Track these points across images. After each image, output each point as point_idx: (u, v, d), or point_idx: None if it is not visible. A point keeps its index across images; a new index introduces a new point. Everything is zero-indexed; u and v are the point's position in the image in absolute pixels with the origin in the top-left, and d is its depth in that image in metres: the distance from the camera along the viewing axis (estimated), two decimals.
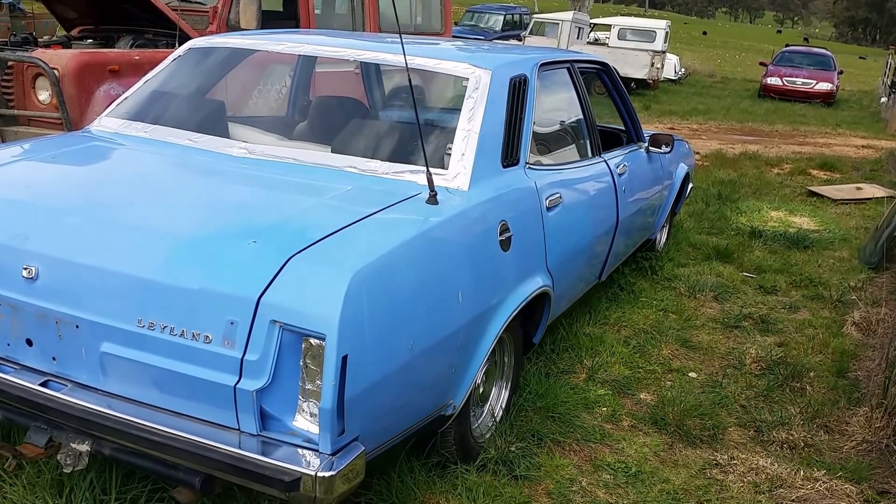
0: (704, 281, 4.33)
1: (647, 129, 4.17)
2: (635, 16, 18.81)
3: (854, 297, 4.22)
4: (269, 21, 5.20)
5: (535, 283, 2.49)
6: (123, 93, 4.38)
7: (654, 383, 3.15)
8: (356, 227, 1.90)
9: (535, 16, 18.42)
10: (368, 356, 1.69)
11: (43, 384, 1.83)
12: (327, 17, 6.02)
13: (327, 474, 1.61)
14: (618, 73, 3.90)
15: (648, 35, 16.24)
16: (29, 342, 1.88)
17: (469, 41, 4.80)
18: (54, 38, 5.22)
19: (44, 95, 4.23)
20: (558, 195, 2.71)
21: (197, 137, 2.55)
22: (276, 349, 1.65)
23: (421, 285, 1.91)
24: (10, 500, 2.05)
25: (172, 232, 1.88)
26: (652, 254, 4.61)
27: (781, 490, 2.47)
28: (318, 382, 1.64)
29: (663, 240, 4.85)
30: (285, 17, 5.54)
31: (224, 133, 2.68)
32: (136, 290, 1.75)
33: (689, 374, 3.27)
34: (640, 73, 15.87)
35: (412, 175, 2.26)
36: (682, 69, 20.84)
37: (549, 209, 2.62)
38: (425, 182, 2.12)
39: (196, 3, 5.33)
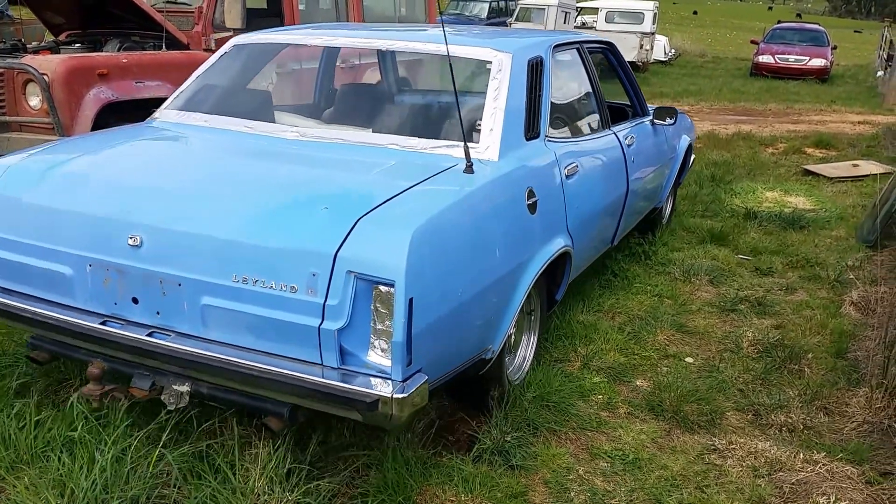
0: (699, 265, 4.32)
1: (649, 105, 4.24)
2: None
3: (852, 277, 4.21)
4: (253, 19, 5.17)
5: (558, 244, 2.77)
6: (112, 96, 4.42)
7: (650, 370, 3.15)
8: (408, 193, 2.20)
9: (521, 1, 18.30)
10: (429, 299, 1.99)
11: (149, 335, 2.14)
12: (311, 13, 5.98)
13: (400, 396, 1.91)
14: None
15: (636, 17, 16.14)
16: (135, 300, 2.19)
17: (486, 28, 4.83)
18: (43, 44, 5.21)
19: (34, 101, 4.25)
20: (575, 164, 3.00)
21: (252, 124, 2.87)
22: (352, 295, 1.95)
23: (466, 241, 2.23)
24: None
25: (257, 202, 2.20)
26: (645, 239, 4.60)
27: (781, 473, 2.47)
28: (388, 323, 1.94)
29: (668, 210, 4.99)
30: (270, 14, 5.51)
31: (272, 120, 3.01)
32: (231, 252, 2.06)
33: (686, 360, 3.27)
34: (629, 56, 15.74)
35: (447, 149, 2.56)
36: (672, 50, 20.73)
37: (567, 177, 2.92)
38: (459, 155, 2.43)
39: (181, 3, 5.30)
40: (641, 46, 15.84)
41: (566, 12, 16.54)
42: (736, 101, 12.98)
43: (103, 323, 2.21)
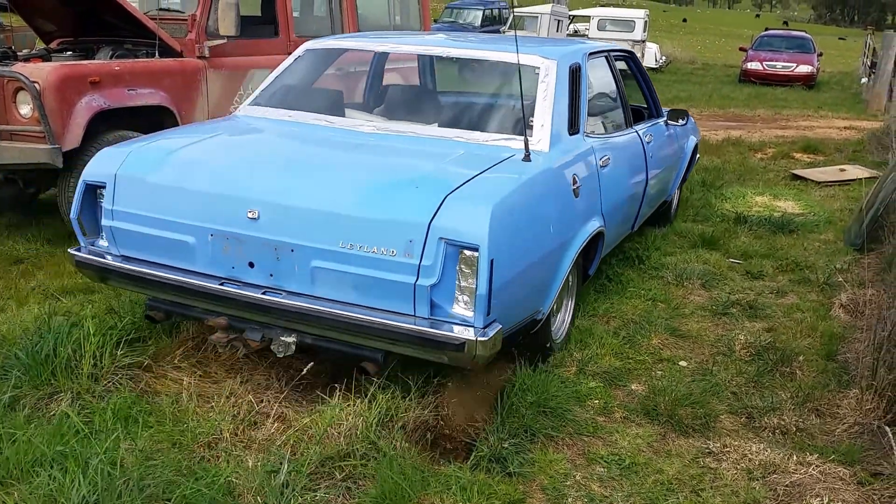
0: (692, 269, 4.36)
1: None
2: (614, 6, 18.80)
3: (840, 280, 4.25)
4: (247, 26, 5.16)
5: (594, 224, 3.20)
6: (104, 103, 4.40)
7: (645, 374, 3.17)
8: (482, 176, 2.63)
9: (515, 10, 18.37)
10: (503, 263, 2.39)
11: (263, 293, 2.55)
12: (306, 20, 5.97)
13: (483, 339, 2.34)
14: None
15: (627, 25, 16.28)
16: (251, 264, 2.59)
17: (529, 37, 5.03)
18: (34, 52, 5.18)
19: (25, 109, 4.21)
20: (608, 157, 3.45)
21: (330, 119, 3.31)
22: (443, 258, 2.36)
23: (529, 217, 2.66)
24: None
25: (358, 182, 2.61)
26: (639, 244, 4.63)
27: (775, 476, 2.49)
28: (471, 280, 2.36)
29: (675, 203, 5.37)
30: (263, 21, 5.50)
31: (343, 115, 3.43)
32: (339, 223, 2.45)
33: (680, 363, 3.30)
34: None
35: (505, 141, 3.00)
36: (663, 57, 20.87)
37: (602, 167, 3.36)
38: (515, 146, 2.90)
39: (174, 11, 5.29)
40: None
41: (559, 20, 16.66)
42: (725, 107, 13.07)
43: (221, 284, 2.62)
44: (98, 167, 2.88)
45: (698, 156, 5.74)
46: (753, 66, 17.40)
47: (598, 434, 2.70)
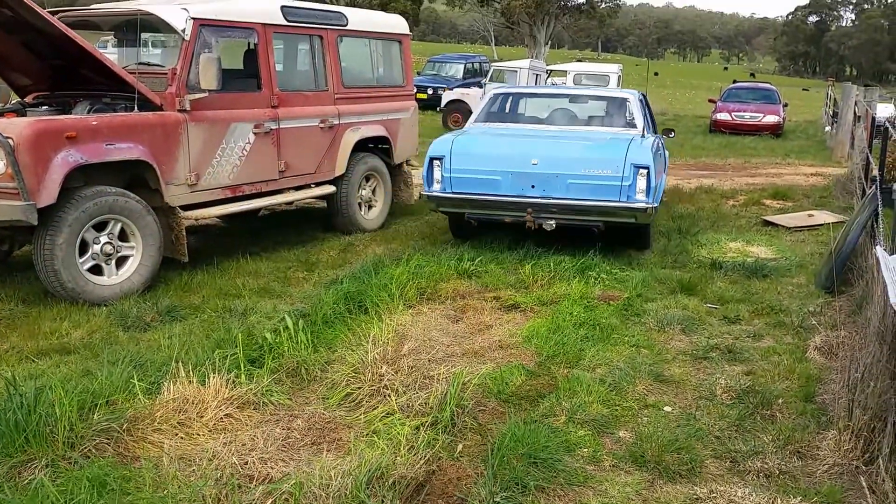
0: (672, 314, 4.42)
1: None
2: (589, 61, 19.34)
3: (814, 322, 4.33)
4: (230, 80, 5.21)
5: (664, 176, 6.42)
6: (81, 159, 4.30)
7: (632, 420, 3.18)
8: (633, 142, 5.74)
9: (494, 64, 18.85)
10: (654, 175, 5.49)
11: (541, 199, 5.54)
12: (289, 74, 6.05)
13: (654, 205, 5.54)
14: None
15: (602, 79, 16.68)
16: (532, 186, 5.53)
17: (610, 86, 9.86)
18: (8, 106, 5.15)
19: None
20: (661, 144, 6.55)
21: (531, 126, 6.48)
22: (633, 173, 5.43)
23: (657, 157, 5.83)
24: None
25: (583, 145, 5.79)
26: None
27: None
28: (643, 183, 5.44)
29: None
30: (247, 75, 5.56)
31: (526, 123, 6.70)
32: (581, 161, 5.55)
33: (664, 409, 3.30)
34: None
35: (625, 131, 6.21)
36: None
37: (661, 147, 6.49)
38: (632, 133, 6.10)
39: (154, 65, 5.33)
40: None
41: (537, 74, 17.05)
42: (697, 156, 13.36)
43: (516, 197, 5.49)
44: (437, 148, 5.70)
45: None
46: (723, 116, 17.88)
47: (589, 483, 2.68)
